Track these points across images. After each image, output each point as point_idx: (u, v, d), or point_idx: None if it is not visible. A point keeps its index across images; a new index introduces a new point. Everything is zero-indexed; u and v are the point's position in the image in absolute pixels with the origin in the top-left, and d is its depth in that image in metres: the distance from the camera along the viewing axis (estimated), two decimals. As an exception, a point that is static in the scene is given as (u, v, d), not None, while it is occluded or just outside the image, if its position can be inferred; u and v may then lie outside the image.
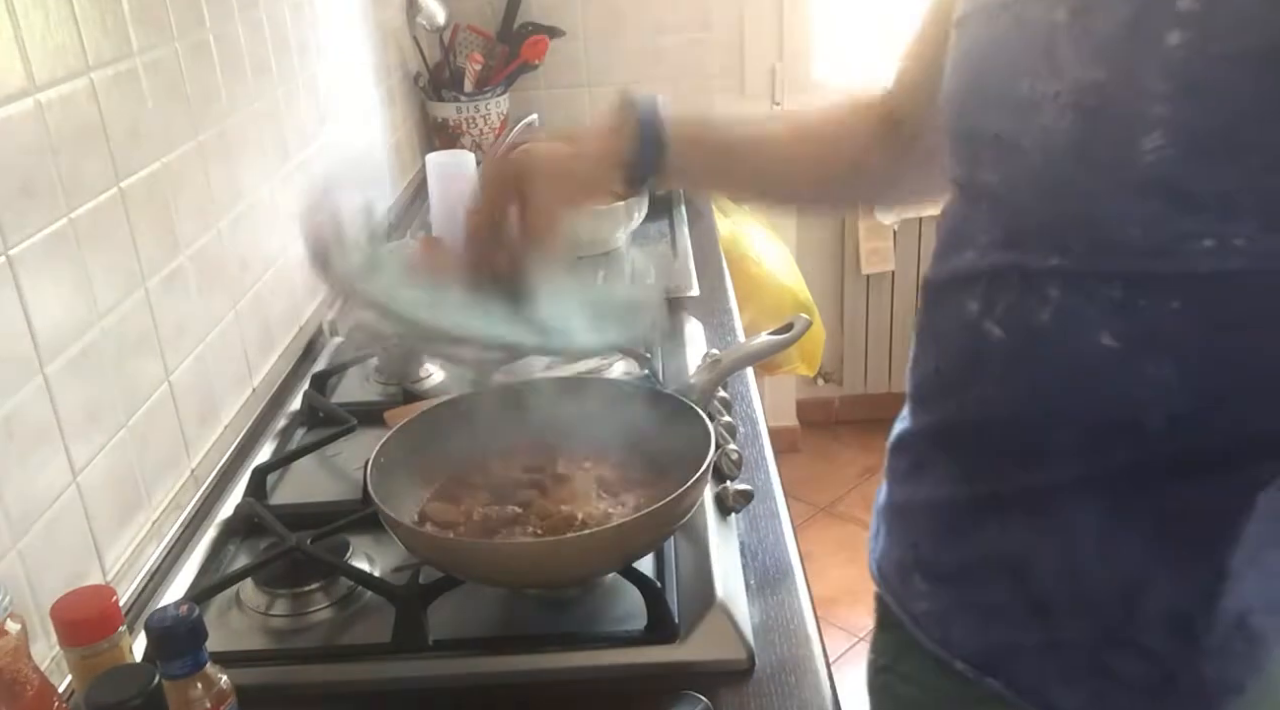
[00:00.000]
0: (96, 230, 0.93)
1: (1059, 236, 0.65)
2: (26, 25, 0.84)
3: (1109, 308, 0.64)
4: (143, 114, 1.02)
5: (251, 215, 1.28)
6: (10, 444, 0.80)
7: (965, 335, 0.72)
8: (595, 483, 0.92)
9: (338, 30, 1.71)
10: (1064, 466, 0.69)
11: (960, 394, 0.75)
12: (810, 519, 2.72)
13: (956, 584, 0.79)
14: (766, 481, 1.06)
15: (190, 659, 0.64)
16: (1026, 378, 0.69)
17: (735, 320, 1.45)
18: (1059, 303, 0.66)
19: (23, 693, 0.62)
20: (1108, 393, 0.66)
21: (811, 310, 2.25)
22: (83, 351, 0.90)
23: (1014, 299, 0.68)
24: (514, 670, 0.81)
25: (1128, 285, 0.63)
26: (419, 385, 1.27)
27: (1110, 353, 0.64)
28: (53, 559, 0.84)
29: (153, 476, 1.01)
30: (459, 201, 1.70)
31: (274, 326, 1.34)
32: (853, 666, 2.49)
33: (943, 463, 0.78)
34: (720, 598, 0.83)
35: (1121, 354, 0.64)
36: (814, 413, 3.03)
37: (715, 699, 0.75)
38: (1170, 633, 0.69)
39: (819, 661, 0.81)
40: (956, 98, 0.74)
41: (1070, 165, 0.64)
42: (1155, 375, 0.63)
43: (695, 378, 1.04)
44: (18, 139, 0.83)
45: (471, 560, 0.82)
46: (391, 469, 0.89)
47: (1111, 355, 0.64)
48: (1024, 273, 0.67)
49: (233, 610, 0.89)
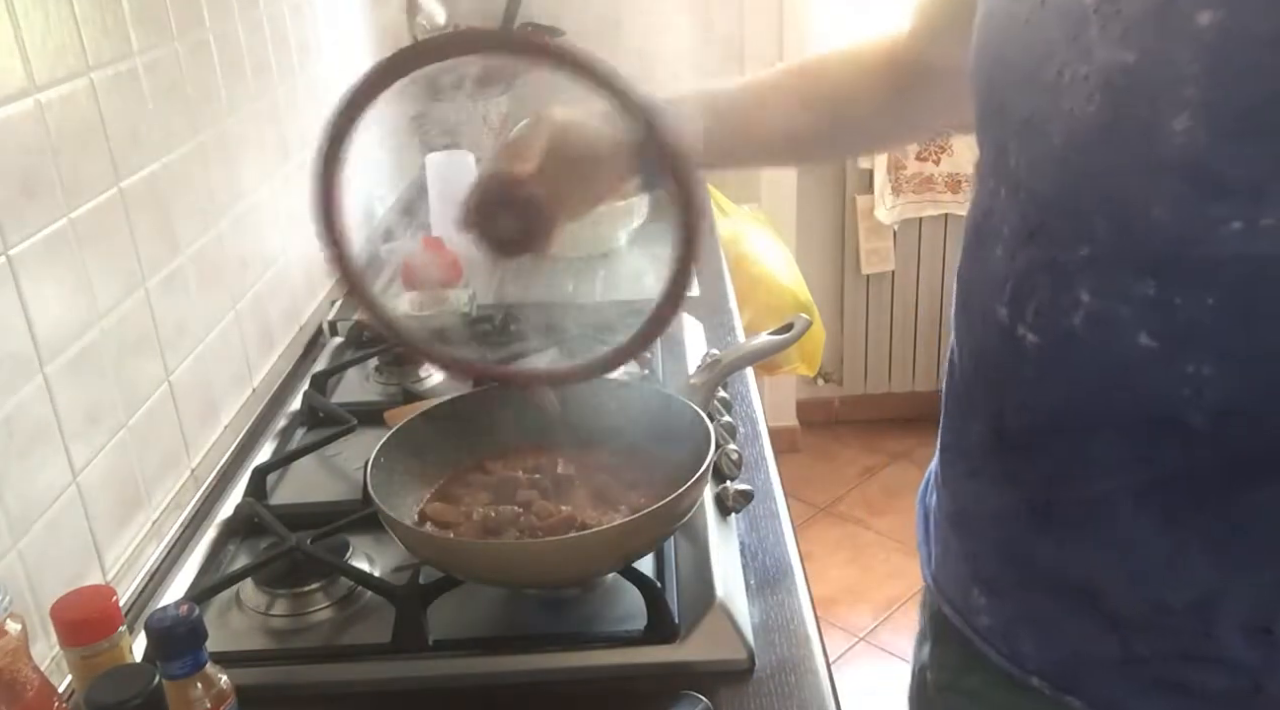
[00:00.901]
0: (96, 230, 0.93)
1: (1085, 224, 0.64)
2: (26, 25, 0.84)
3: (1144, 306, 0.62)
4: (143, 114, 1.02)
5: (251, 215, 1.28)
6: (10, 444, 0.80)
7: (999, 339, 0.71)
8: (595, 483, 0.92)
9: (338, 30, 1.71)
10: (1112, 475, 0.68)
11: (1000, 400, 0.74)
12: (810, 519, 2.72)
13: (1018, 598, 0.76)
14: (766, 481, 1.06)
15: (190, 659, 0.64)
16: (1064, 382, 0.68)
17: (735, 320, 1.45)
18: (1090, 305, 0.65)
19: (23, 693, 0.62)
20: (1148, 393, 0.64)
21: (811, 310, 2.25)
22: (83, 351, 0.90)
23: (1044, 302, 0.67)
24: (514, 670, 0.81)
25: (1160, 282, 0.62)
26: (419, 385, 1.28)
27: (1148, 352, 0.63)
28: (53, 559, 0.84)
29: (153, 476, 1.01)
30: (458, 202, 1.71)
31: (274, 326, 1.34)
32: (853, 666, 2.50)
33: (995, 470, 0.76)
34: (720, 598, 0.83)
35: (1160, 353, 0.63)
36: (814, 413, 3.03)
37: (715, 699, 0.75)
38: (1250, 644, 0.67)
39: (819, 661, 0.81)
40: (984, 75, 0.72)
41: (1096, 149, 0.63)
42: (1195, 373, 0.62)
43: (695, 378, 1.04)
44: (18, 139, 0.83)
45: (471, 560, 0.82)
46: (391, 469, 0.90)
47: (1150, 355, 0.63)
48: (1053, 272, 0.66)
49: (233, 610, 0.89)
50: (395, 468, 0.90)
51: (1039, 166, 0.67)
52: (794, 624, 0.85)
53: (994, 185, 0.72)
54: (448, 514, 0.90)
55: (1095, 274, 0.64)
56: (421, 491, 0.93)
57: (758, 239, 2.28)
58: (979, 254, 0.74)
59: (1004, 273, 0.70)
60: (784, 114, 0.97)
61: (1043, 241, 0.67)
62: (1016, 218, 0.69)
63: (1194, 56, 0.57)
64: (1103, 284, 0.64)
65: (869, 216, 2.74)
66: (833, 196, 2.79)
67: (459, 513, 0.90)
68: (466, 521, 0.89)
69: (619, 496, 0.90)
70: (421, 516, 0.90)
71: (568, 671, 0.80)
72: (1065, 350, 0.67)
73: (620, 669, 0.80)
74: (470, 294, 1.47)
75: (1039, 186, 0.67)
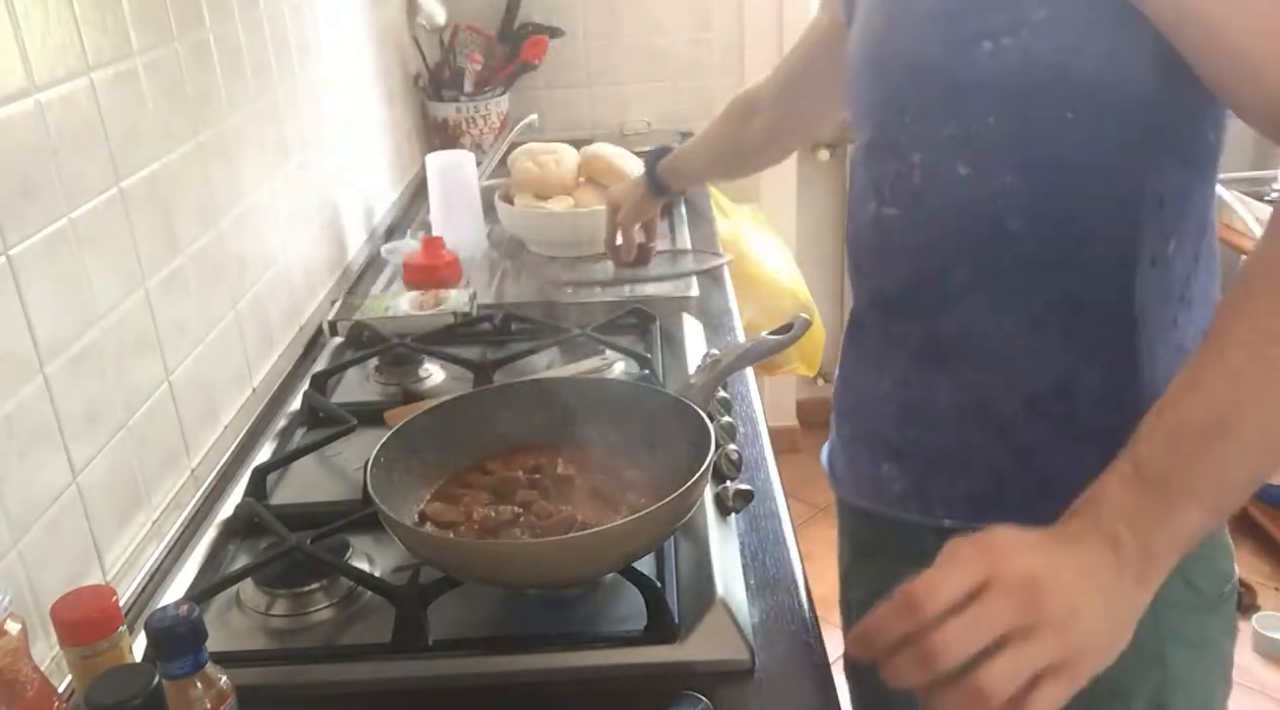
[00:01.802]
0: (96, 230, 0.93)
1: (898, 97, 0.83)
2: (26, 25, 0.84)
3: (953, 144, 0.80)
4: (143, 114, 1.02)
5: (251, 215, 1.28)
6: (10, 444, 0.80)
7: (871, 228, 0.88)
8: (595, 483, 0.92)
9: (338, 30, 1.71)
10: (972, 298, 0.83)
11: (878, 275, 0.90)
12: (810, 519, 2.72)
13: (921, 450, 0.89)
14: (766, 481, 1.06)
15: (190, 659, 0.64)
16: (921, 233, 0.84)
17: (735, 320, 1.45)
18: (922, 162, 0.82)
19: (23, 693, 0.62)
20: (976, 214, 0.80)
21: (811, 310, 2.25)
22: (83, 351, 0.90)
23: (892, 178, 0.85)
24: (514, 670, 0.81)
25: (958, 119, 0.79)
26: (419, 385, 1.28)
27: (967, 179, 0.80)
28: (53, 559, 0.84)
29: (153, 476, 1.01)
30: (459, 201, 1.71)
31: (274, 326, 1.34)
32: (853, 666, 2.45)
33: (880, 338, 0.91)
34: (720, 598, 0.83)
35: (974, 178, 0.80)
36: (814, 413, 3.02)
37: (715, 699, 0.75)
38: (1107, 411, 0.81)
39: (819, 661, 0.81)
40: None
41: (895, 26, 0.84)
42: (1000, 185, 0.79)
43: (695, 378, 1.04)
44: (18, 139, 0.83)
45: (471, 560, 0.82)
46: (391, 469, 0.90)
47: (968, 181, 0.80)
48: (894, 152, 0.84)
49: (233, 610, 0.89)
50: (395, 468, 0.90)
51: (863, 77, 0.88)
52: (794, 624, 0.85)
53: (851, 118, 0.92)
54: (448, 514, 0.90)
55: (918, 136, 0.83)
56: (421, 491, 0.93)
57: (758, 239, 2.28)
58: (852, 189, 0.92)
59: (865, 180, 0.88)
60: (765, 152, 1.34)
61: (882, 133, 0.86)
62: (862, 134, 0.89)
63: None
64: (925, 142, 0.82)
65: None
66: (833, 196, 2.79)
67: (459, 513, 0.90)
68: (466, 521, 0.89)
69: (619, 496, 0.90)
70: (421, 516, 0.90)
71: (568, 671, 0.80)
72: (917, 208, 0.84)
73: (620, 669, 0.80)
74: (470, 294, 1.47)
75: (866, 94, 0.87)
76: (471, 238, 1.73)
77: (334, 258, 1.61)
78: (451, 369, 1.29)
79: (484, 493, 0.92)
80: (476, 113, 2.22)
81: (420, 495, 0.92)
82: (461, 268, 1.61)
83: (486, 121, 2.24)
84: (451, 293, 1.47)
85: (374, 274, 1.70)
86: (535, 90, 2.43)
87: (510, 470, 0.94)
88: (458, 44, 2.29)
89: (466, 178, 1.73)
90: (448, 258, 1.59)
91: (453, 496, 0.92)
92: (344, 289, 1.61)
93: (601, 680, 0.80)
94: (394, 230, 1.90)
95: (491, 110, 2.24)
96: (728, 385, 1.16)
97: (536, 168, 1.75)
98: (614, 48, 2.47)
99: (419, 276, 1.56)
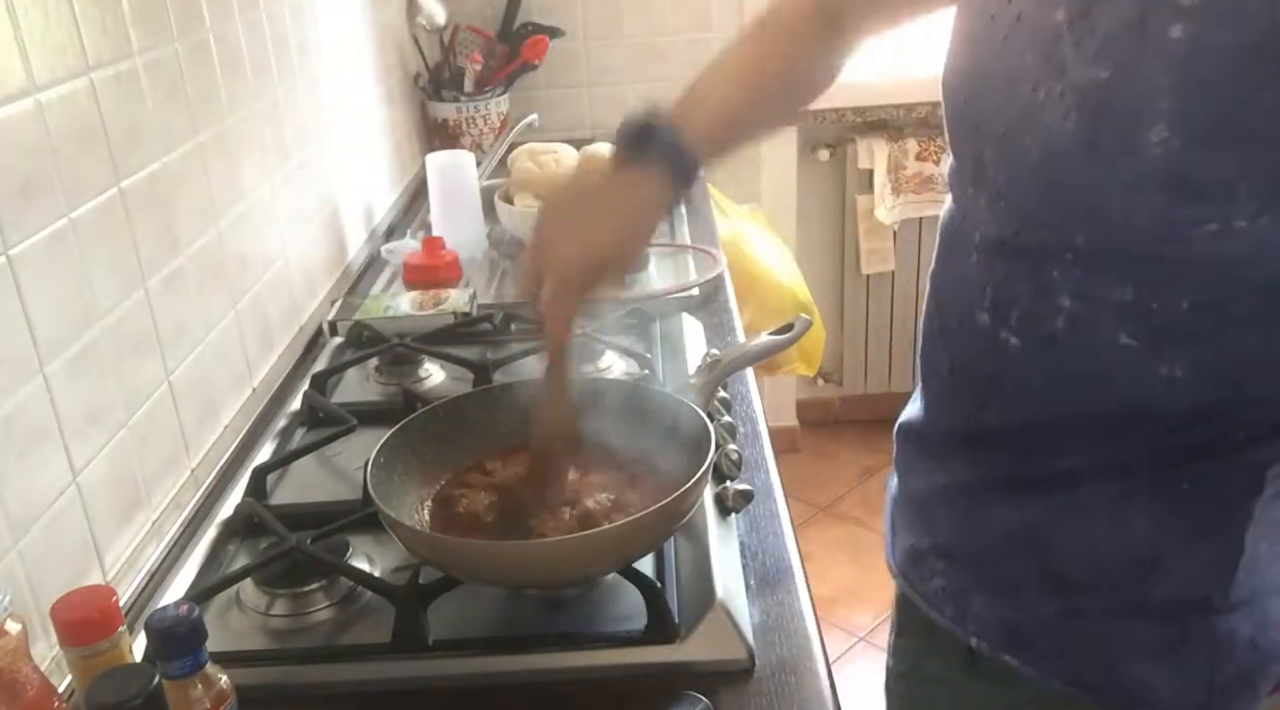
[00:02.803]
0: (96, 230, 0.93)
1: (1065, 233, 0.67)
2: (26, 25, 0.84)
3: (1123, 310, 0.66)
4: (143, 114, 1.02)
5: (251, 215, 1.28)
6: (10, 444, 0.80)
7: (981, 343, 0.74)
8: (595, 483, 0.92)
9: (338, 30, 1.71)
10: (1079, 454, 0.72)
11: (979, 400, 0.77)
12: (810, 519, 2.72)
13: (974, 564, 0.80)
14: (766, 481, 1.06)
15: (190, 659, 0.64)
16: (1046, 383, 0.71)
17: (735, 320, 1.45)
18: (1071, 310, 0.68)
19: (23, 693, 0.62)
20: (1126, 389, 0.68)
21: (811, 310, 2.25)
22: (83, 351, 0.90)
23: (1026, 308, 0.70)
24: (514, 670, 0.81)
25: (1138, 286, 0.65)
26: (419, 385, 1.27)
27: (1128, 350, 0.67)
28: (53, 559, 0.84)
29: (153, 476, 1.01)
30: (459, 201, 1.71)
31: (274, 326, 1.34)
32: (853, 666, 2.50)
33: (959, 455, 0.80)
34: (720, 598, 0.83)
35: (1138, 353, 0.67)
36: (814, 413, 3.03)
37: (715, 699, 0.75)
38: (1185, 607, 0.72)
39: (819, 661, 0.81)
40: (959, 89, 0.75)
41: (1075, 162, 0.65)
42: (1169, 373, 0.66)
43: (695, 378, 1.04)
44: (18, 139, 0.82)
45: (471, 560, 0.82)
46: (391, 469, 0.90)
47: (1130, 353, 0.67)
48: (1034, 279, 0.69)
49: (233, 610, 0.89)
50: (395, 468, 0.90)
51: (1018, 178, 0.70)
52: (794, 624, 0.85)
53: (973, 193, 0.74)
54: (448, 514, 0.89)
55: (1076, 280, 0.67)
56: (421, 491, 0.93)
57: (758, 239, 2.28)
58: (954, 257, 0.77)
59: (982, 279, 0.73)
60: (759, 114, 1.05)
61: (1022, 249, 0.70)
62: (994, 226, 0.72)
63: (1166, 69, 0.60)
64: (1083, 289, 0.67)
65: (869, 216, 2.74)
66: (833, 196, 2.79)
67: (459, 513, 0.90)
68: (466, 521, 0.88)
69: (619, 496, 0.90)
70: (421, 516, 0.90)
71: (568, 671, 0.80)
72: (1047, 353, 0.70)
73: (620, 669, 0.80)
74: (470, 294, 1.47)
75: (1018, 197, 0.70)
76: (471, 238, 1.73)
77: (334, 258, 1.61)
78: (451, 369, 1.29)
79: (484, 493, 0.92)
80: (476, 113, 2.22)
81: (420, 495, 0.92)
82: (461, 268, 1.61)
83: (486, 121, 2.24)
84: (451, 293, 1.47)
85: (374, 274, 1.70)
86: (535, 90, 2.43)
87: (510, 470, 0.94)
88: (458, 44, 2.29)
89: (466, 178, 1.73)
90: (448, 258, 1.59)
91: (453, 497, 0.92)
92: (344, 289, 1.61)
93: (601, 680, 0.80)
94: (394, 230, 1.90)
95: (491, 110, 2.24)
96: (728, 385, 1.16)
97: (536, 168, 1.75)
98: (614, 48, 2.47)
99: (419, 276, 1.56)
